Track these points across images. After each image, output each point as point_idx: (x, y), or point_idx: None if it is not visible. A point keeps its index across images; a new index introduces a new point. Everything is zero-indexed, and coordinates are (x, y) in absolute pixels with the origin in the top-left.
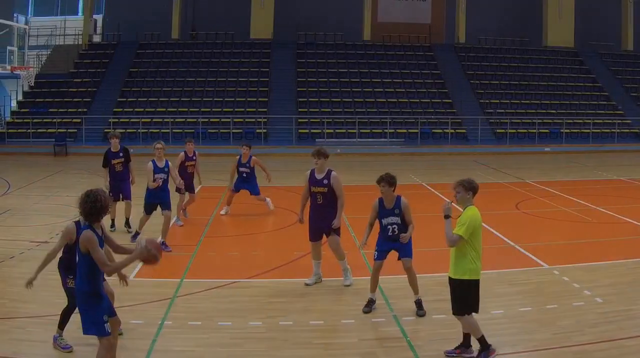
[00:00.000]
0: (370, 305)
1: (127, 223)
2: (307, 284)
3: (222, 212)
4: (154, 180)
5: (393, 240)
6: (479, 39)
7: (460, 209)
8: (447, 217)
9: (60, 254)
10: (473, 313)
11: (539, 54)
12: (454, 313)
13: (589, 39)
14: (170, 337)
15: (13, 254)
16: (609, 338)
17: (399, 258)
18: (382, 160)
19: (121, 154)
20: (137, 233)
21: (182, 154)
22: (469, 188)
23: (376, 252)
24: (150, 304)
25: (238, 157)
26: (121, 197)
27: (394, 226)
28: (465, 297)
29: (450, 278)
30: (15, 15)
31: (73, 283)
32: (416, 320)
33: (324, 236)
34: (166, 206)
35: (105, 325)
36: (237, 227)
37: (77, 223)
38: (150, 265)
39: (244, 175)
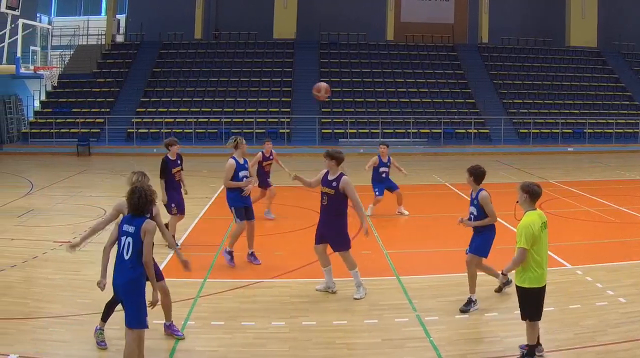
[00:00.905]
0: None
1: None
2: (317, 290)
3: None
4: (241, 179)
5: None
6: (502, 38)
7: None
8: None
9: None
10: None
11: (562, 53)
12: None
13: (612, 39)
14: (193, 336)
15: (36, 254)
16: (632, 338)
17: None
18: (405, 160)
19: (179, 162)
20: (251, 253)
21: (260, 153)
22: (525, 191)
23: None
24: (173, 304)
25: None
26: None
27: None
28: (524, 303)
29: (515, 285)
30: (38, 15)
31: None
32: (439, 320)
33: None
34: (252, 211)
35: (147, 318)
36: (260, 227)
37: (126, 216)
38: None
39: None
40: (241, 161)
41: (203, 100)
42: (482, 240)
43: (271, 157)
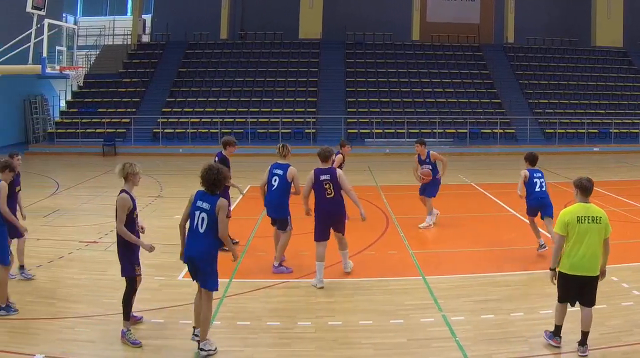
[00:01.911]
0: None
1: None
2: (313, 285)
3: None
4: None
5: None
6: (528, 38)
7: None
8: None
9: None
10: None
11: (587, 53)
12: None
13: (638, 39)
14: (219, 337)
15: (62, 254)
16: None
17: None
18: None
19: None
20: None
21: (340, 156)
22: (575, 185)
23: None
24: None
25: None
26: None
27: None
28: (558, 285)
29: None
30: (64, 15)
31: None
32: (465, 320)
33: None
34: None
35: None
36: None
37: (199, 192)
38: None
39: None
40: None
41: (229, 100)
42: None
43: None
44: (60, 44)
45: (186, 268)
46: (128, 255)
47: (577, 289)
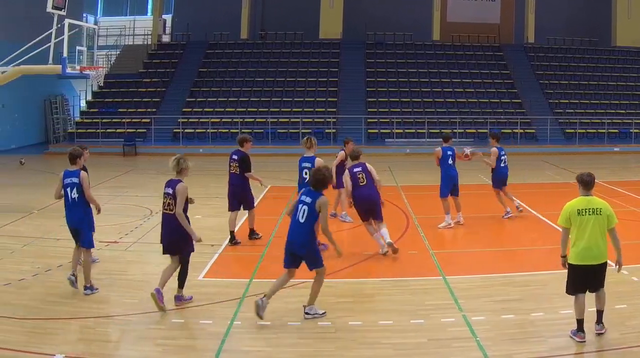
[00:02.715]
0: None
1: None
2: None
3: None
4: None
5: None
6: (548, 38)
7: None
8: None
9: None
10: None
11: (607, 53)
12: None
13: None
14: (240, 336)
15: None
16: None
17: None
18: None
19: None
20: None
21: (343, 153)
22: (577, 180)
23: None
24: (219, 304)
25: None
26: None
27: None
28: (567, 277)
29: None
30: (84, 15)
31: None
32: (485, 320)
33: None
34: None
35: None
36: None
37: (305, 188)
38: None
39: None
40: None
41: (249, 100)
42: None
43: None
44: (81, 44)
45: (206, 268)
46: (187, 238)
47: (585, 278)
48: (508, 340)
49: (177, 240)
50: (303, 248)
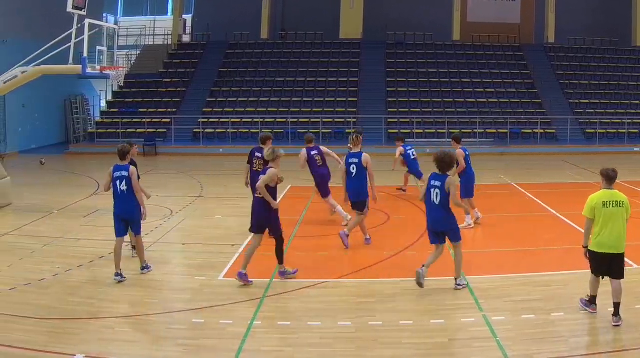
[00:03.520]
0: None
1: None
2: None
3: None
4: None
5: None
6: (568, 39)
7: None
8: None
9: None
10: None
11: (628, 53)
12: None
13: None
14: (260, 337)
15: (102, 254)
16: None
17: None
18: (471, 160)
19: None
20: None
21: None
22: (602, 174)
23: None
24: (239, 304)
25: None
26: None
27: None
28: (589, 261)
29: None
30: (104, 15)
31: None
32: (505, 319)
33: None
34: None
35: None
36: (326, 228)
37: (432, 174)
38: None
39: None
40: None
41: (269, 100)
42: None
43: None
44: (101, 44)
45: (227, 268)
46: (277, 218)
47: (607, 265)
48: (528, 340)
49: (265, 220)
50: (444, 225)
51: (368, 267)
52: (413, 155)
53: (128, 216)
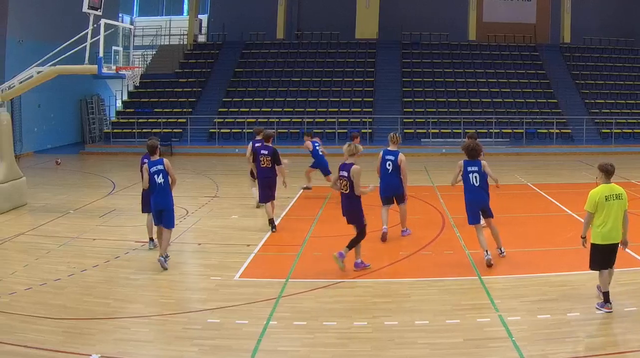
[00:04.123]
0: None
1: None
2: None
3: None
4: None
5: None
6: (584, 38)
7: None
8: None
9: None
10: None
11: None
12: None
13: None
14: (275, 336)
15: (118, 254)
16: None
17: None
18: (487, 160)
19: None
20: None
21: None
22: (600, 169)
23: None
24: (255, 304)
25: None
26: None
27: None
28: (592, 256)
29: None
30: (120, 15)
31: None
32: (521, 320)
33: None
34: None
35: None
36: (341, 228)
37: (465, 161)
38: None
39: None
40: None
41: (285, 100)
42: None
43: None
44: (117, 44)
45: (242, 268)
46: (361, 210)
47: (609, 255)
48: (544, 340)
49: (351, 214)
50: (485, 202)
51: (384, 267)
52: (321, 151)
53: (164, 207)
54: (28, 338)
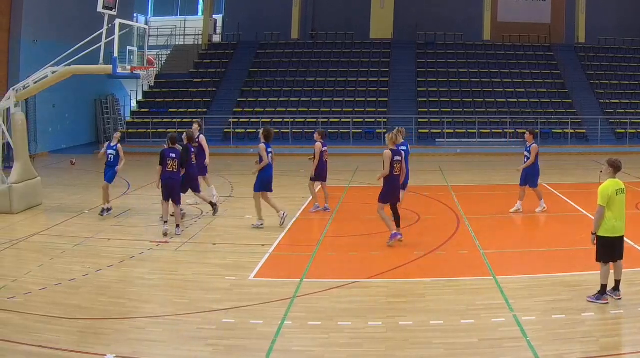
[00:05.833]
0: None
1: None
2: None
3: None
4: None
5: None
6: (599, 38)
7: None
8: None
9: None
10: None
11: None
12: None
13: None
14: (290, 336)
15: (133, 254)
16: None
17: None
18: (501, 160)
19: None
20: None
21: (319, 144)
22: (610, 164)
23: None
24: (269, 304)
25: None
26: None
27: None
28: (601, 248)
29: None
30: (135, 15)
31: None
32: (536, 319)
33: None
34: None
35: None
36: (356, 228)
37: None
38: None
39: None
40: None
41: (300, 100)
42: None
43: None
44: (131, 44)
45: (257, 268)
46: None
47: (618, 247)
48: (559, 340)
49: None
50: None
51: (398, 267)
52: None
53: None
54: (43, 338)
